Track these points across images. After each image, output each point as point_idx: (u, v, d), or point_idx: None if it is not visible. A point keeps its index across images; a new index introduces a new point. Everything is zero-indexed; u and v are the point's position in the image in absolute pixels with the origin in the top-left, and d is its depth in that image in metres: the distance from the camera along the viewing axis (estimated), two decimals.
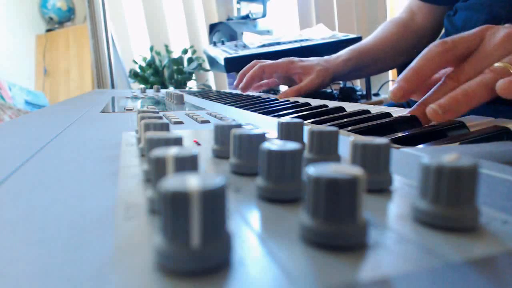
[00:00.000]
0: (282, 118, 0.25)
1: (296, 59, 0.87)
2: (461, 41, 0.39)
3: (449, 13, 0.75)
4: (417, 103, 0.40)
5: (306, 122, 0.41)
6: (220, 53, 1.56)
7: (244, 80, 0.88)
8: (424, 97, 0.41)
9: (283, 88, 1.08)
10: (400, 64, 0.94)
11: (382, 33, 0.90)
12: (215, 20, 2.41)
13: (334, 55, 0.87)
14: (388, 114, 0.42)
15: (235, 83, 0.94)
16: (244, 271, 0.09)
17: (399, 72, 1.08)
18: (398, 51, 0.89)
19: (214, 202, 0.09)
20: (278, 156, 0.14)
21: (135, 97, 0.88)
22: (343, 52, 0.87)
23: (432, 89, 0.41)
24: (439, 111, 0.35)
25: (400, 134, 0.32)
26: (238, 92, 1.01)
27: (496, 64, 0.36)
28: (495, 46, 0.38)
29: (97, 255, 0.10)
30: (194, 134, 0.30)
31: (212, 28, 2.11)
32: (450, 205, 0.12)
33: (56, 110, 0.55)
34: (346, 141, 0.21)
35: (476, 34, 0.40)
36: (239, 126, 0.22)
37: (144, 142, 0.19)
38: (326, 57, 0.87)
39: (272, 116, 0.47)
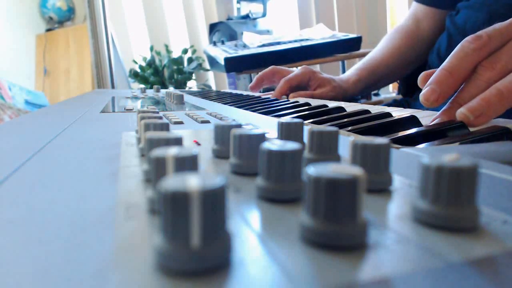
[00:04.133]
0: (282, 118, 0.25)
1: (317, 71, 0.87)
2: (496, 33, 0.35)
3: (451, 13, 0.75)
4: (449, 102, 0.36)
5: (306, 122, 0.41)
6: (220, 53, 1.56)
7: (273, 95, 0.87)
8: (456, 94, 0.36)
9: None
10: (409, 72, 0.93)
11: (389, 45, 0.89)
12: (215, 20, 2.41)
13: (344, 76, 0.88)
14: (388, 114, 0.42)
15: (250, 85, 0.95)
16: (244, 271, 0.09)
17: None
18: (407, 61, 0.88)
19: (214, 202, 0.09)
20: (278, 156, 0.14)
21: (135, 97, 0.88)
22: (352, 73, 0.87)
23: (465, 83, 0.35)
24: (470, 117, 0.31)
25: (400, 134, 0.32)
26: (238, 92, 1.01)
27: None
28: None
29: (97, 255, 0.10)
30: (194, 134, 0.30)
31: (212, 28, 2.11)
32: (450, 205, 0.12)
33: (56, 110, 0.55)
34: (346, 141, 0.21)
35: None
36: (239, 126, 0.22)
37: (144, 142, 0.19)
38: (341, 77, 0.88)
39: (272, 116, 0.47)
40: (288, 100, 0.69)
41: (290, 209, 0.14)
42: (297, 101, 0.65)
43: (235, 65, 1.48)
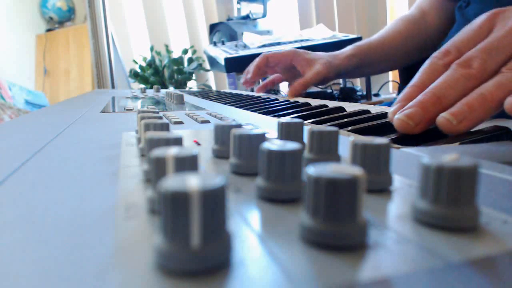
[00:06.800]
0: (282, 118, 0.25)
1: (301, 51, 0.85)
2: (464, 44, 0.32)
3: (460, 5, 0.72)
4: (400, 112, 0.31)
5: (306, 122, 0.41)
6: (220, 53, 1.56)
7: (251, 71, 0.86)
8: (424, 92, 0.31)
9: (283, 87, 1.08)
10: (409, 63, 0.91)
11: (390, 31, 0.87)
12: (215, 20, 2.41)
13: (339, 51, 0.85)
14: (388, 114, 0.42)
15: (242, 81, 0.92)
16: (244, 271, 0.09)
17: (400, 74, 1.08)
18: (408, 49, 0.86)
19: (214, 202, 0.09)
20: (278, 156, 0.14)
21: (135, 97, 0.88)
22: (348, 48, 0.85)
23: (437, 81, 0.31)
24: (453, 121, 0.28)
25: (400, 134, 0.32)
26: (238, 92, 1.01)
27: None
28: (507, 32, 0.30)
29: (97, 255, 0.10)
30: (194, 134, 0.30)
31: (212, 28, 2.11)
32: (450, 205, 0.12)
33: (56, 110, 0.55)
34: (346, 141, 0.21)
35: (483, 27, 0.32)
36: (239, 126, 0.22)
37: (144, 142, 0.19)
38: (331, 53, 0.86)
39: (272, 116, 0.47)
40: (288, 100, 0.69)
41: (290, 209, 0.14)
42: (297, 101, 0.65)
43: (235, 65, 1.48)
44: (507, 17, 0.31)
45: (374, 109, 0.48)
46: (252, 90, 1.14)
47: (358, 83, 1.82)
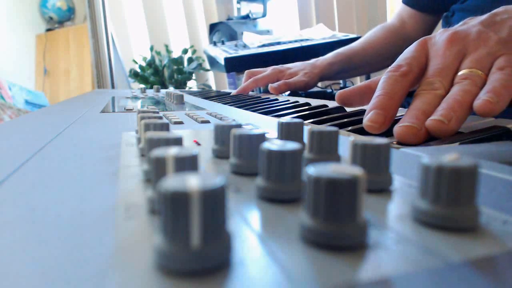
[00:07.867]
0: (282, 118, 0.25)
1: (284, 67, 0.96)
2: (413, 62, 0.37)
3: (447, 14, 0.76)
4: (398, 124, 0.32)
5: (306, 122, 0.41)
6: (220, 53, 1.56)
7: (240, 90, 0.97)
8: (410, 110, 0.33)
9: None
10: (385, 68, 0.98)
11: (371, 38, 0.96)
12: (215, 20, 2.41)
13: (321, 58, 0.95)
14: None
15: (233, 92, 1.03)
16: (244, 271, 0.09)
17: None
18: (386, 55, 0.94)
19: (214, 202, 0.09)
20: (278, 156, 0.14)
21: (135, 97, 0.88)
22: (330, 55, 0.95)
23: (416, 102, 0.34)
24: (444, 121, 0.30)
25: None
26: None
27: (462, 72, 0.34)
28: (444, 54, 0.36)
29: (97, 255, 0.10)
30: (194, 134, 0.30)
31: (212, 28, 2.11)
32: (450, 205, 0.12)
33: (56, 110, 0.55)
34: (346, 141, 0.21)
35: (419, 50, 0.38)
36: (239, 126, 0.22)
37: (144, 142, 0.19)
38: (313, 60, 0.95)
39: (272, 116, 0.47)
40: (288, 100, 0.69)
41: (290, 209, 0.14)
42: (297, 101, 0.65)
43: (235, 65, 1.48)
44: (434, 44, 0.38)
45: None
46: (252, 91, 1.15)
47: (358, 83, 1.82)
